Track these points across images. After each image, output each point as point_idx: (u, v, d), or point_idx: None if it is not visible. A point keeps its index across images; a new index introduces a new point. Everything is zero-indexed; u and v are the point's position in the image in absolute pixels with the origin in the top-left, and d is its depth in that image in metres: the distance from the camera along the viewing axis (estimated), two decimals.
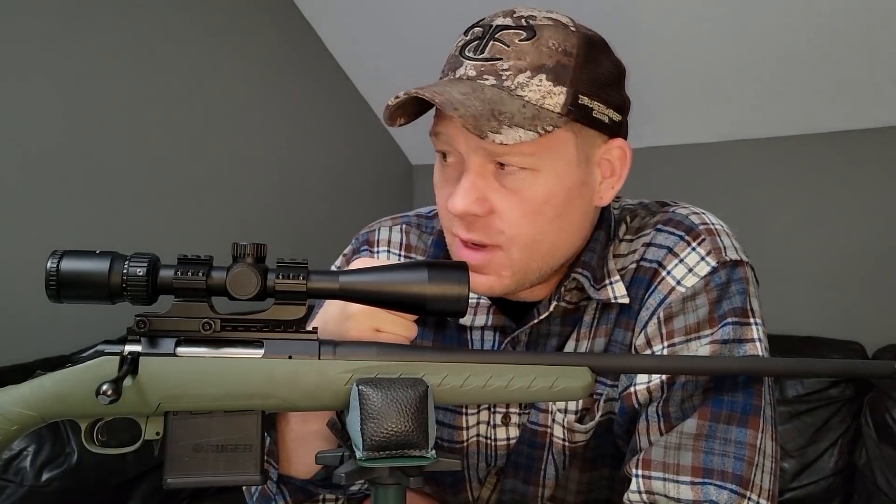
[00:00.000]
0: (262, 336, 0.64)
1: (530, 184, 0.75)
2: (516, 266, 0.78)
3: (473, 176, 0.75)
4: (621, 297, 0.83)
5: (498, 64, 0.74)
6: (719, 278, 0.79)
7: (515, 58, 0.74)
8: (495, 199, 0.76)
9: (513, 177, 0.75)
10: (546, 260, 0.80)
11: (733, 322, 0.78)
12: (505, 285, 0.79)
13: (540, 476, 0.89)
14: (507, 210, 0.76)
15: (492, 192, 0.76)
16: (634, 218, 0.88)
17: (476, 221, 0.76)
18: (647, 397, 0.78)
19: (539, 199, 0.76)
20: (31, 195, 1.99)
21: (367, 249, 0.96)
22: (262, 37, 2.68)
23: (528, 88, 0.73)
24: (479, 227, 0.77)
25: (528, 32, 0.75)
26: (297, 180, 2.82)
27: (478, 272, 0.78)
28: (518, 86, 0.73)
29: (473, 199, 0.75)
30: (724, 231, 0.84)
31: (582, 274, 0.82)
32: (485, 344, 0.88)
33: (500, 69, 0.74)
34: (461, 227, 0.78)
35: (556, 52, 0.74)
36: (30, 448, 1.73)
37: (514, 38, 0.74)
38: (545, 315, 0.83)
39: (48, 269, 0.59)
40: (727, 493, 0.71)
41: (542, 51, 0.74)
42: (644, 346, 0.81)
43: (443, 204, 0.80)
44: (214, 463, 0.62)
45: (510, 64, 0.74)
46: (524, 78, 0.73)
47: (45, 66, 2.02)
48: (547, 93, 0.73)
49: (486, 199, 0.75)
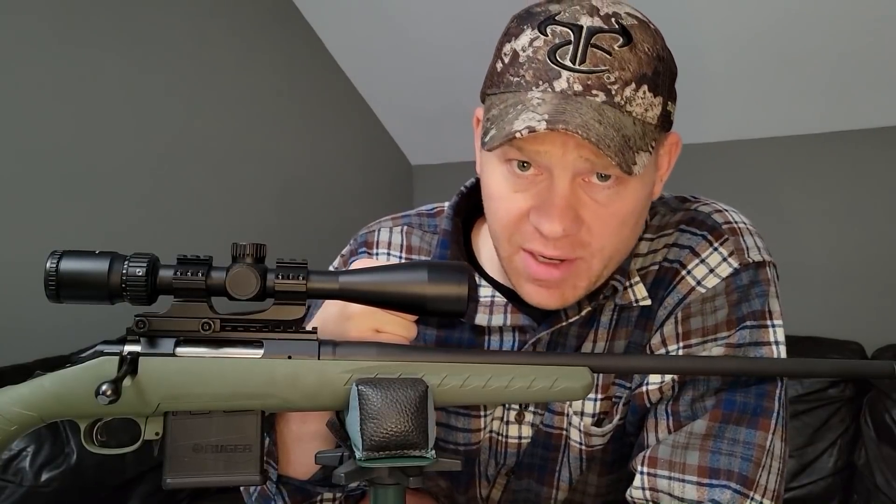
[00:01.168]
0: (262, 336, 0.64)
1: (621, 195, 0.72)
2: (594, 276, 0.76)
3: (567, 192, 0.70)
4: (643, 300, 0.82)
5: (605, 77, 0.68)
6: (741, 280, 0.78)
7: (619, 68, 0.68)
8: (586, 214, 0.72)
9: (604, 191, 0.71)
10: (615, 267, 0.78)
11: (751, 326, 0.77)
12: (577, 295, 0.77)
13: (554, 478, 0.88)
14: (597, 224, 0.72)
15: (583, 208, 0.72)
16: (654, 216, 0.86)
17: (563, 239, 0.72)
18: (659, 396, 0.78)
19: (627, 211, 0.73)
20: (30, 195, 1.99)
21: (366, 251, 0.93)
22: (263, 37, 2.68)
23: (635, 103, 0.69)
24: (565, 244, 0.72)
25: (624, 37, 0.69)
26: (297, 180, 2.82)
27: (551, 287, 0.75)
28: (626, 101, 0.68)
29: (571, 219, 0.71)
30: (748, 229, 0.82)
31: (619, 280, 0.81)
32: (503, 345, 0.86)
33: (608, 83, 0.68)
34: (546, 246, 0.72)
35: (651, 58, 0.70)
36: (29, 448, 1.73)
37: (613, 45, 0.69)
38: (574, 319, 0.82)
39: (47, 269, 0.59)
40: (730, 493, 0.71)
41: (641, 58, 0.69)
42: (659, 344, 0.80)
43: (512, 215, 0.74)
44: (214, 463, 0.62)
45: (616, 76, 0.68)
46: (630, 91, 0.68)
47: (45, 65, 2.02)
48: (649, 105, 0.70)
49: (578, 216, 0.71)
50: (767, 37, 2.19)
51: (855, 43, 2.11)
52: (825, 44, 2.14)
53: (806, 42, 2.16)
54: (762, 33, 2.18)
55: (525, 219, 0.74)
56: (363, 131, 3.12)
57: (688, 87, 2.68)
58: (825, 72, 2.22)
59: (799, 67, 2.24)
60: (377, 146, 3.21)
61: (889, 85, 2.19)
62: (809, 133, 2.41)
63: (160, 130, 2.33)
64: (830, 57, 2.17)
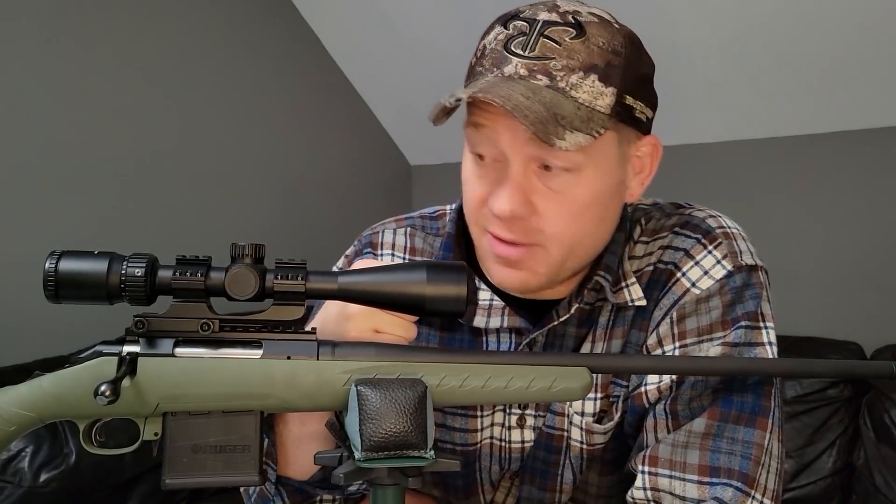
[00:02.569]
0: (261, 336, 0.64)
1: (575, 185, 0.74)
2: (553, 264, 0.78)
3: (519, 176, 0.74)
4: (638, 300, 0.83)
5: (550, 64, 0.72)
6: (734, 282, 0.79)
7: (567, 57, 0.72)
8: (538, 201, 0.74)
9: (558, 178, 0.74)
10: (581, 259, 0.80)
11: (745, 326, 0.78)
12: (539, 282, 0.79)
13: (557, 482, 0.88)
14: (550, 211, 0.74)
15: (535, 194, 0.74)
16: (650, 220, 0.87)
17: (517, 223, 0.75)
18: (658, 396, 0.78)
19: (583, 201, 0.75)
20: (29, 195, 1.99)
21: (371, 252, 0.95)
22: (262, 37, 2.68)
23: (581, 90, 0.72)
24: (519, 228, 0.75)
25: (577, 30, 0.73)
26: (296, 181, 2.82)
27: (513, 267, 0.78)
28: (571, 86, 0.72)
29: (519, 201, 0.73)
30: (740, 235, 0.84)
31: (604, 277, 0.82)
32: (501, 346, 0.87)
33: (553, 69, 0.72)
34: (500, 227, 0.76)
35: (605, 51, 0.73)
36: (28, 449, 1.72)
37: (564, 36, 0.73)
38: (565, 317, 0.83)
39: (46, 269, 0.59)
40: (732, 491, 0.71)
41: (593, 50, 0.72)
42: (655, 345, 0.81)
43: (474, 198, 0.78)
44: (213, 463, 0.62)
45: (563, 63, 0.72)
46: (577, 78, 0.72)
47: (45, 66, 2.02)
48: (598, 94, 0.72)
49: (530, 201, 0.74)
50: (762, 37, 2.19)
51: (851, 44, 2.11)
52: (820, 45, 2.15)
53: (801, 43, 2.16)
54: (757, 34, 2.19)
55: (485, 202, 0.77)
56: (362, 132, 3.12)
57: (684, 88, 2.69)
58: (823, 72, 2.22)
59: (796, 68, 2.24)
60: (376, 146, 3.21)
61: (887, 86, 2.19)
62: (808, 133, 2.42)
63: (158, 130, 2.32)
64: (827, 58, 2.17)
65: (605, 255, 0.83)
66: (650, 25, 2.19)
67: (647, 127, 0.79)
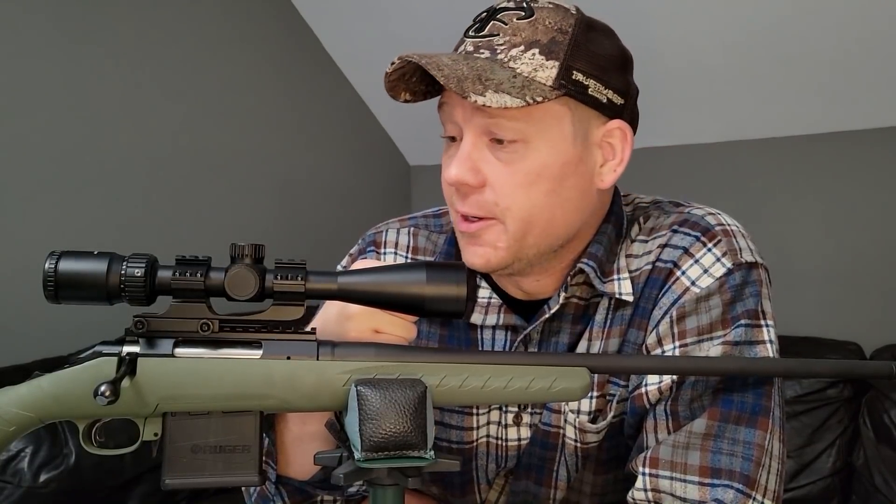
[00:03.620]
0: (261, 337, 0.64)
1: (523, 156, 0.76)
2: (512, 239, 0.78)
3: (469, 146, 0.77)
4: (626, 294, 0.83)
5: (494, 40, 0.77)
6: (734, 280, 0.79)
7: (511, 34, 0.76)
8: (488, 171, 0.77)
9: (506, 149, 0.76)
10: (543, 237, 0.80)
11: (746, 324, 0.78)
12: (501, 258, 0.79)
13: (552, 478, 0.88)
14: (499, 181, 0.77)
15: (485, 164, 0.77)
16: (648, 218, 0.88)
17: (470, 193, 0.78)
18: (658, 397, 0.78)
19: (532, 171, 0.76)
20: (29, 195, 1.99)
21: (374, 251, 0.95)
22: (261, 37, 2.68)
23: (521, 61, 0.75)
24: (472, 200, 0.78)
25: (525, 12, 0.77)
26: (296, 181, 2.82)
27: (474, 244, 0.80)
28: (510, 59, 0.75)
29: (467, 168, 0.76)
30: (740, 232, 0.83)
31: (587, 264, 0.82)
32: (496, 343, 0.88)
33: (496, 44, 0.77)
34: (459, 201, 0.79)
35: (551, 29, 0.77)
36: (27, 449, 1.72)
37: (513, 17, 0.77)
38: (556, 310, 0.83)
39: (46, 269, 0.59)
40: (733, 492, 0.71)
41: (538, 28, 0.76)
42: (655, 344, 0.81)
43: (443, 180, 0.81)
44: (213, 464, 0.62)
45: (505, 39, 0.76)
46: (517, 52, 0.76)
47: (45, 66, 2.02)
48: (539, 66, 0.75)
49: (479, 169, 0.77)
50: (763, 38, 2.19)
51: (851, 44, 2.12)
52: (821, 45, 2.15)
53: (802, 44, 2.17)
54: (758, 34, 2.19)
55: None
56: (361, 132, 3.12)
57: (685, 88, 2.69)
58: (822, 73, 2.22)
59: (796, 68, 2.24)
60: (375, 146, 3.21)
61: (887, 86, 2.19)
62: (808, 133, 2.42)
63: (158, 131, 2.32)
64: (828, 58, 2.18)
65: (590, 245, 0.84)
66: (651, 26, 2.20)
67: (615, 112, 0.80)
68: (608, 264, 0.84)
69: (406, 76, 0.79)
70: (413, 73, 0.79)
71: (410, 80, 0.80)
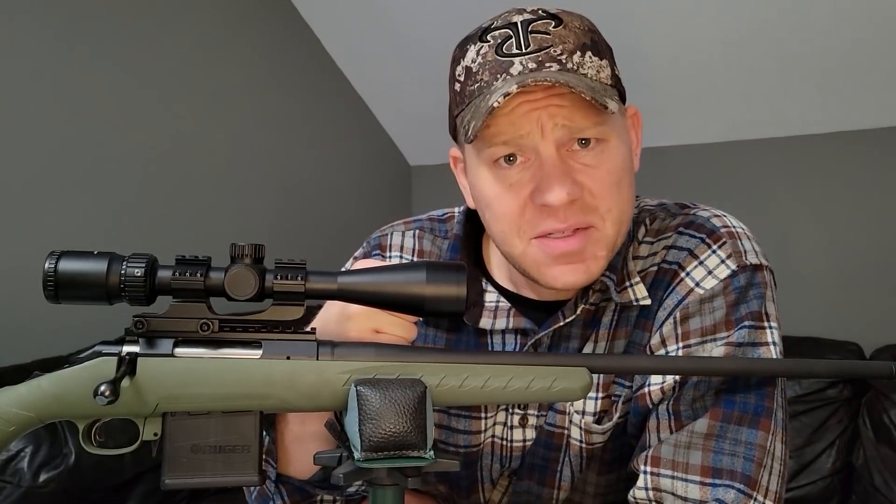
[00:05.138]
0: (261, 337, 0.64)
1: (606, 156, 0.76)
2: (610, 243, 0.78)
3: (559, 162, 0.74)
4: (643, 300, 0.83)
5: (550, 51, 0.74)
6: (738, 282, 0.79)
7: (561, 42, 0.75)
8: (583, 179, 0.75)
9: (592, 152, 0.75)
10: (625, 233, 0.80)
11: (749, 325, 0.78)
12: (600, 266, 0.78)
13: (555, 478, 0.89)
14: (595, 185, 0.75)
15: (577, 173, 0.75)
16: (654, 220, 0.88)
17: (571, 206, 0.75)
18: (661, 396, 0.78)
19: (618, 168, 0.77)
20: (29, 195, 1.99)
21: (379, 254, 0.95)
22: (261, 38, 2.68)
23: (586, 66, 0.75)
24: (574, 211, 0.75)
25: (555, 21, 0.76)
26: (296, 181, 2.82)
27: (575, 261, 0.77)
28: (577, 65, 0.75)
29: (571, 183, 0.74)
30: (745, 234, 0.83)
31: (608, 276, 0.82)
32: (506, 347, 0.88)
33: (556, 55, 0.74)
34: (557, 219, 0.75)
35: (585, 31, 0.77)
36: (27, 449, 1.72)
37: (549, 27, 0.75)
38: (571, 318, 0.83)
39: (46, 269, 0.59)
40: (734, 493, 0.71)
41: (576, 32, 0.76)
42: (659, 345, 0.81)
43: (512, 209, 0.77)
44: (212, 463, 0.62)
45: (560, 48, 0.74)
46: (578, 58, 0.75)
47: (45, 65, 2.02)
48: (599, 67, 0.76)
49: (576, 180, 0.75)
50: (763, 38, 2.19)
51: (851, 45, 2.12)
52: (821, 45, 2.15)
53: (802, 44, 2.17)
54: (759, 33, 2.19)
55: (528, 206, 0.76)
56: (362, 132, 3.12)
57: (686, 88, 2.69)
58: (823, 73, 2.22)
59: (796, 68, 2.24)
60: (376, 147, 3.21)
61: (887, 86, 2.20)
62: (808, 134, 2.42)
63: (158, 131, 2.32)
64: (828, 58, 2.18)
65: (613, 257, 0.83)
66: (652, 26, 2.20)
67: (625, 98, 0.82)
68: (620, 272, 0.84)
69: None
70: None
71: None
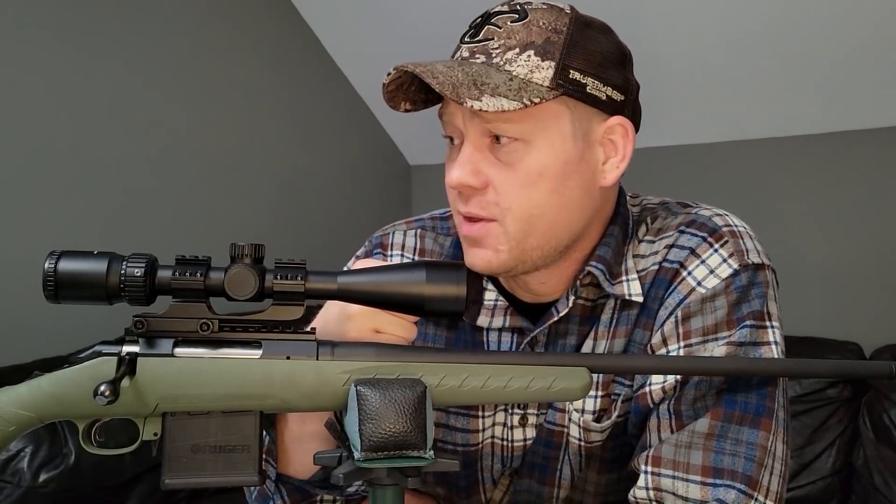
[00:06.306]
0: (261, 336, 0.64)
1: (523, 155, 0.76)
2: (513, 240, 0.78)
3: (470, 149, 0.77)
4: (636, 295, 0.83)
5: (489, 44, 0.76)
6: (740, 281, 0.79)
7: (506, 37, 0.76)
8: (490, 172, 0.76)
9: (506, 149, 0.76)
10: (546, 238, 0.79)
11: (751, 325, 0.77)
12: (502, 261, 0.79)
13: (555, 476, 0.89)
14: (501, 182, 0.76)
15: (487, 166, 0.77)
16: (656, 219, 0.87)
17: (473, 195, 0.78)
18: (662, 396, 0.78)
19: (533, 171, 0.76)
20: (29, 195, 1.99)
21: (381, 253, 0.95)
22: (261, 37, 2.68)
23: (516, 64, 0.75)
24: (474, 201, 0.78)
25: (519, 14, 0.77)
26: (296, 180, 2.82)
27: (476, 246, 0.79)
28: (506, 62, 0.75)
29: (469, 171, 0.76)
30: (748, 233, 0.83)
31: (596, 267, 0.82)
32: (502, 346, 0.88)
33: (491, 48, 0.76)
34: (461, 203, 0.79)
35: (545, 30, 0.76)
36: (27, 449, 1.72)
37: (507, 21, 0.77)
38: (564, 313, 0.83)
39: (46, 269, 0.59)
40: (735, 493, 0.71)
41: (532, 30, 0.76)
42: (660, 344, 0.80)
43: (447, 183, 0.81)
44: (212, 463, 0.62)
45: (500, 43, 0.76)
46: (512, 55, 0.75)
47: (45, 65, 2.02)
48: (535, 67, 0.75)
49: (480, 171, 0.77)
50: (763, 38, 2.19)
51: (851, 44, 2.12)
52: (821, 45, 2.15)
53: (802, 43, 2.17)
54: (760, 34, 2.19)
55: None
56: (361, 131, 3.12)
57: (686, 88, 2.69)
58: (823, 73, 2.22)
59: (796, 68, 2.24)
60: (375, 146, 3.21)
61: (887, 86, 2.19)
62: (808, 133, 2.42)
63: (158, 130, 2.32)
64: (828, 58, 2.18)
65: (598, 247, 0.83)
66: (652, 26, 2.19)
67: (616, 109, 0.79)
68: (616, 266, 0.84)
69: (404, 86, 0.79)
70: (411, 82, 0.79)
71: (409, 90, 0.80)
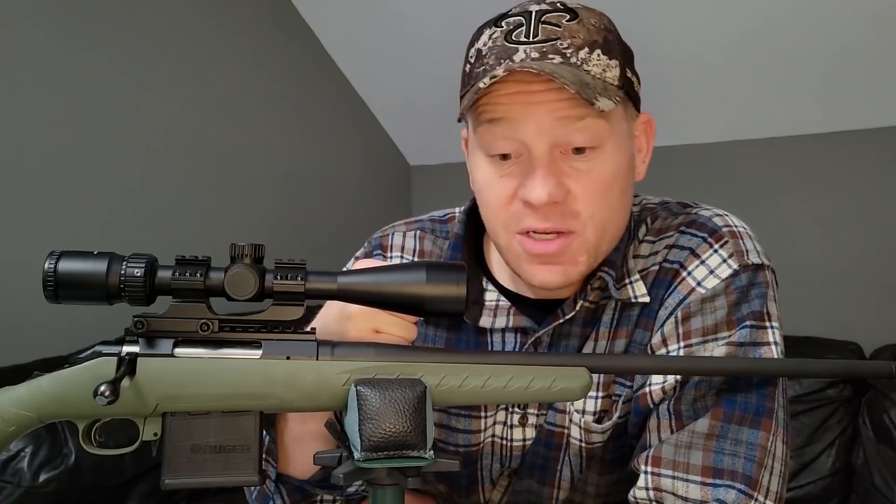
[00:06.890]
0: (260, 337, 0.64)
1: (600, 162, 0.75)
2: (591, 249, 0.78)
3: (548, 162, 0.74)
4: (641, 297, 0.83)
5: (557, 43, 0.74)
6: (740, 281, 0.79)
7: (570, 36, 0.74)
8: (569, 183, 0.75)
9: (583, 157, 0.75)
10: (612, 241, 0.80)
11: (751, 325, 0.77)
12: (580, 272, 0.79)
13: (555, 477, 0.88)
14: (581, 190, 0.75)
15: (566, 177, 0.75)
16: (656, 219, 0.87)
17: (553, 209, 0.75)
18: (662, 396, 0.78)
19: (609, 176, 0.76)
20: (29, 195, 1.99)
21: (381, 254, 0.95)
22: (261, 37, 2.68)
23: (591, 63, 0.74)
24: (556, 214, 0.75)
25: (570, 14, 0.75)
26: (296, 181, 2.82)
27: (552, 262, 0.77)
28: (582, 61, 0.73)
29: (554, 184, 0.74)
30: (747, 234, 0.84)
31: (607, 273, 0.82)
32: (506, 346, 0.88)
33: (561, 48, 0.74)
34: (536, 218, 0.76)
35: (599, 28, 0.75)
36: (27, 449, 1.72)
37: (562, 20, 0.75)
38: (570, 315, 0.83)
39: (46, 269, 0.59)
40: (735, 493, 0.71)
41: (589, 28, 0.75)
42: (660, 344, 0.80)
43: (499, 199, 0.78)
44: (212, 463, 0.62)
45: (568, 42, 0.74)
46: (584, 54, 0.74)
47: (45, 66, 2.02)
48: (606, 66, 0.74)
49: (563, 183, 0.74)
50: (763, 38, 2.19)
51: (851, 44, 2.12)
52: (821, 45, 2.15)
53: (802, 43, 2.17)
54: (759, 34, 2.19)
55: (513, 200, 0.77)
56: (361, 132, 3.12)
57: (686, 88, 2.69)
58: (822, 72, 2.22)
59: (796, 68, 2.24)
60: (375, 147, 3.21)
61: (886, 85, 2.19)
62: (807, 134, 2.42)
63: (158, 131, 2.32)
64: (827, 57, 2.18)
65: (610, 253, 0.83)
66: (651, 25, 2.19)
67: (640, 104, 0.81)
68: (620, 269, 0.84)
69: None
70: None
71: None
